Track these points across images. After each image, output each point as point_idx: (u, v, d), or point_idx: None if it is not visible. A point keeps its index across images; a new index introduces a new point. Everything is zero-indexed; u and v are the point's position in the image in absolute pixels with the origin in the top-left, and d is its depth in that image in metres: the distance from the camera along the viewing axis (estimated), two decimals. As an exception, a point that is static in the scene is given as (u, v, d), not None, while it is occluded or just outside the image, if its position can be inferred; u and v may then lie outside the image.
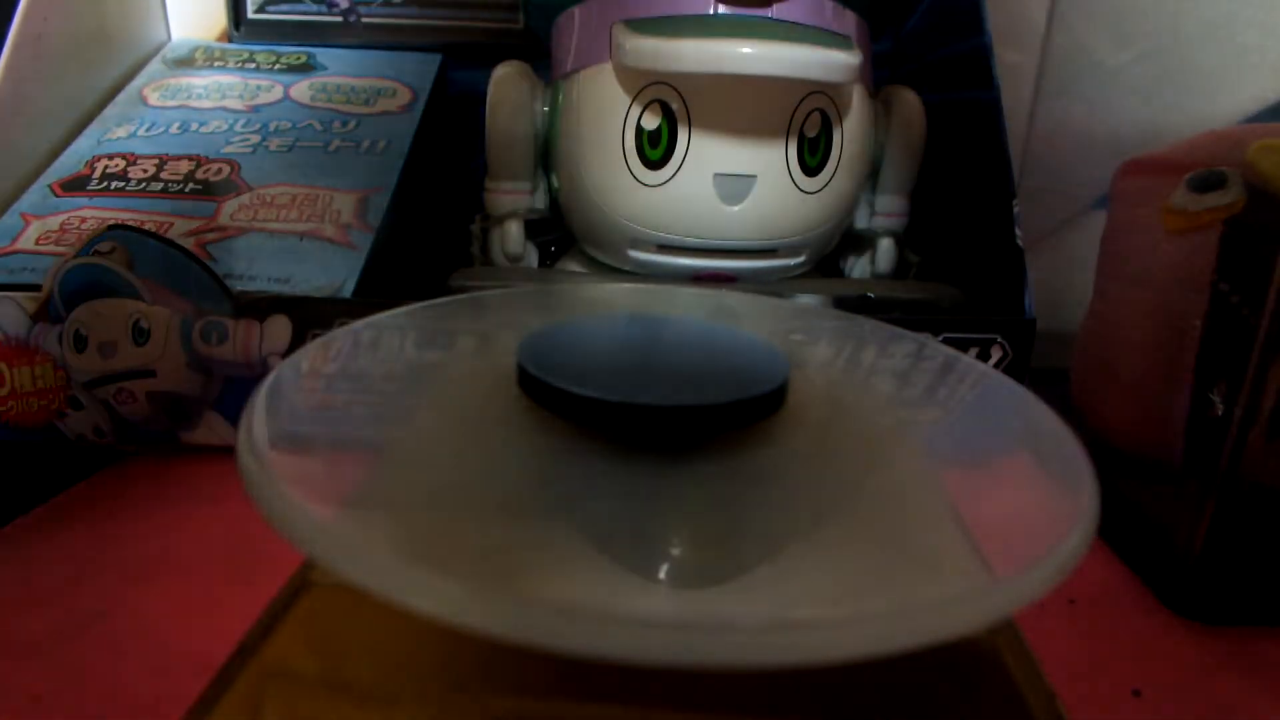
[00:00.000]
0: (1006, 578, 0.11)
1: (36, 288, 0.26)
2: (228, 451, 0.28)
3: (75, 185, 0.32)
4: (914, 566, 0.12)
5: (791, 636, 0.10)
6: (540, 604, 0.10)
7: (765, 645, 0.09)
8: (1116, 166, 0.28)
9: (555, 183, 0.30)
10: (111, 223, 0.28)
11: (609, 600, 0.11)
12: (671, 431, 0.14)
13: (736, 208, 0.27)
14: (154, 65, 0.40)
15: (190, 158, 0.33)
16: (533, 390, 0.15)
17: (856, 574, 0.12)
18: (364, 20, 0.42)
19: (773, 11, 0.27)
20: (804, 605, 0.11)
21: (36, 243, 0.29)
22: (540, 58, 0.31)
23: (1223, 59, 0.36)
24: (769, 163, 0.27)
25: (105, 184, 0.32)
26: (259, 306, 0.27)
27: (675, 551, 0.13)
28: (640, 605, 0.11)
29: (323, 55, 0.40)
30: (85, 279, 0.26)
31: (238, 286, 0.27)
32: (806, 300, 0.30)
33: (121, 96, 0.37)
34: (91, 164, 0.33)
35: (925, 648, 0.10)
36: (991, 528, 0.13)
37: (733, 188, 0.27)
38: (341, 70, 0.40)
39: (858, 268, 0.33)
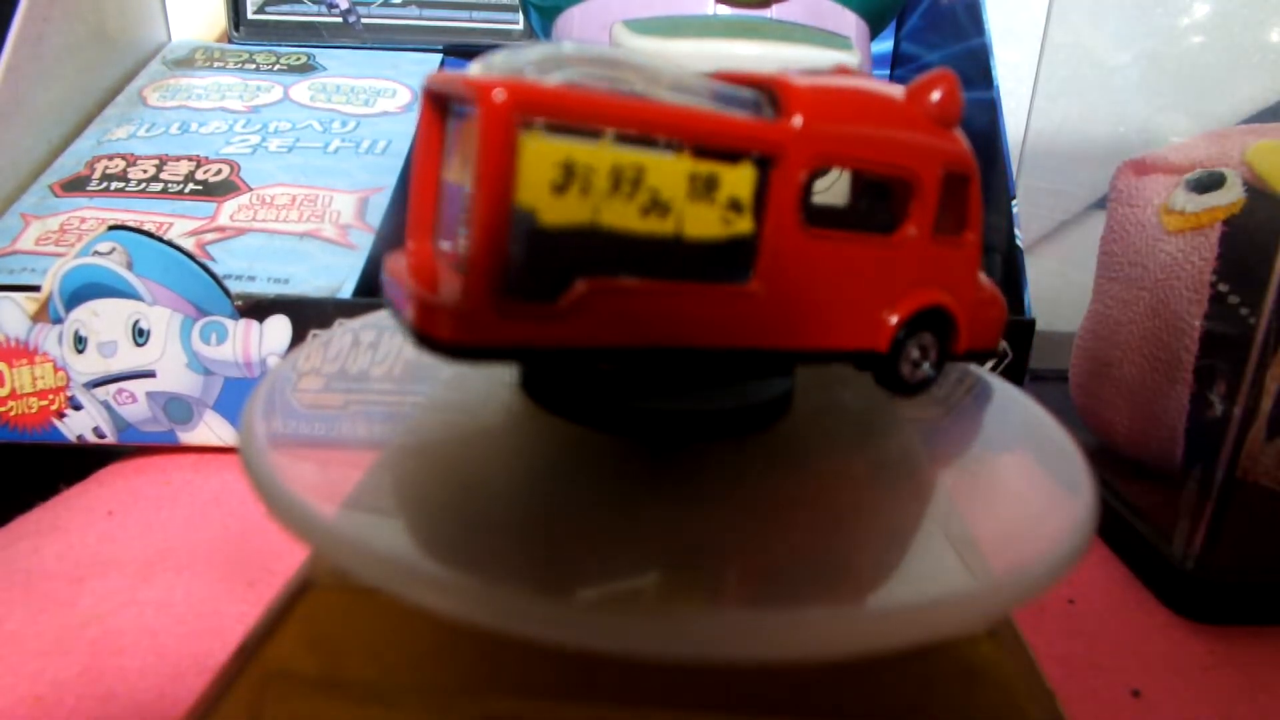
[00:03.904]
0: (1006, 578, 0.11)
1: (36, 288, 0.26)
2: (228, 451, 0.28)
3: (75, 185, 0.32)
4: (913, 566, 0.12)
5: (792, 633, 0.10)
6: (542, 602, 0.10)
7: (767, 642, 0.09)
8: (1116, 166, 0.28)
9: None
10: (111, 223, 0.28)
11: (605, 598, 0.11)
12: (675, 435, 0.14)
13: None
14: (154, 66, 0.40)
15: (190, 158, 0.33)
16: (534, 390, 0.14)
17: (856, 573, 0.12)
18: (364, 20, 0.42)
19: (772, 12, 0.27)
20: (803, 603, 0.11)
21: (36, 243, 0.29)
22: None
23: (1223, 59, 0.36)
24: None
25: (105, 184, 0.32)
26: (259, 307, 0.27)
27: (678, 551, 0.13)
28: (632, 604, 0.11)
29: (322, 55, 0.41)
30: (85, 279, 0.26)
31: (237, 286, 0.27)
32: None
33: (121, 97, 0.37)
34: (91, 164, 0.33)
35: (924, 646, 0.10)
36: (990, 528, 0.13)
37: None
38: (341, 70, 0.40)
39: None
